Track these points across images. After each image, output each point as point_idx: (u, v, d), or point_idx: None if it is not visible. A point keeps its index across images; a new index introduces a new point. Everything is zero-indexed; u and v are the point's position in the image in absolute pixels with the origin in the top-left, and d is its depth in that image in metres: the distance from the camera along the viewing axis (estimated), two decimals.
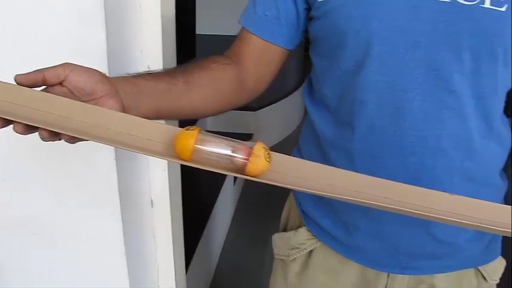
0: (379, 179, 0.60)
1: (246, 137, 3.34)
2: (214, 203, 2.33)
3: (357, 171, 0.76)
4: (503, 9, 0.71)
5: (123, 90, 0.67)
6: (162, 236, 1.22)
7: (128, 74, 0.74)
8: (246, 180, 0.58)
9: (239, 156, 0.56)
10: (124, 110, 0.65)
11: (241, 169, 0.56)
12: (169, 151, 0.59)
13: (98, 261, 1.10)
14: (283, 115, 3.76)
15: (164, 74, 0.77)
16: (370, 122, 0.78)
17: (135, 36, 1.01)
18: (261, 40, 0.84)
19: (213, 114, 0.86)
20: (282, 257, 0.98)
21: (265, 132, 3.46)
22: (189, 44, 3.27)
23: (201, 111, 0.82)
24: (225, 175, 1.85)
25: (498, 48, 0.72)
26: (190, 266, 1.88)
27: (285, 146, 3.22)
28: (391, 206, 0.56)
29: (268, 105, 3.50)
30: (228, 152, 0.57)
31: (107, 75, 0.66)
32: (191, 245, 1.98)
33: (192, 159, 0.56)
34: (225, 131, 3.38)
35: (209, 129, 3.40)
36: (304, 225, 0.94)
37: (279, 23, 0.83)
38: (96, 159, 0.98)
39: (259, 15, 0.83)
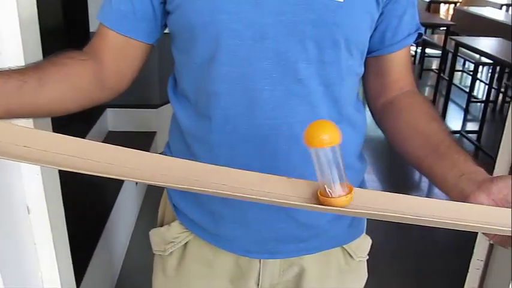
0: (219, 167, 0.62)
1: (149, 135, 3.30)
2: (114, 203, 2.28)
3: (216, 162, 0.77)
4: (341, 0, 0.75)
5: None
6: (43, 244, 1.18)
7: None
8: None
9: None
10: None
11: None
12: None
13: None
14: None
15: (14, 72, 0.73)
16: (224, 112, 0.80)
17: None
18: (118, 35, 0.83)
19: (72, 112, 0.83)
20: (160, 253, 0.98)
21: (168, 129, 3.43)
22: (82, 41, 3.18)
23: (57, 109, 0.79)
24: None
25: (339, 37, 0.76)
26: (89, 270, 1.84)
27: None
28: (228, 193, 0.58)
29: None
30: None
31: None
32: (88, 248, 1.94)
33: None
34: (127, 130, 3.32)
35: (111, 129, 3.33)
36: (177, 219, 0.94)
37: (135, 17, 0.82)
38: None
39: (114, 10, 0.82)
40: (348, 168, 0.87)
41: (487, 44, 4.21)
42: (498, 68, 4.96)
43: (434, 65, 6.35)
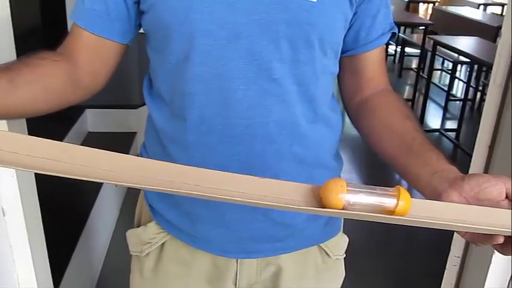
0: (192, 167, 0.61)
1: (129, 135, 3.28)
2: (93, 203, 2.27)
3: (192, 162, 0.77)
4: (314, 0, 0.75)
5: None
6: (19, 246, 1.17)
7: None
8: None
9: (389, 201, 0.59)
10: None
11: (391, 211, 0.59)
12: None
13: None
14: None
15: None
16: (199, 112, 0.80)
17: None
18: (92, 35, 0.82)
19: (46, 113, 0.82)
20: (137, 253, 0.97)
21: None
22: (60, 41, 3.15)
23: (31, 110, 0.79)
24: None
25: (313, 37, 0.77)
26: (68, 271, 1.82)
27: None
28: (201, 193, 0.58)
29: None
30: (377, 198, 0.60)
31: None
32: (68, 249, 1.92)
33: (344, 208, 0.59)
34: (107, 130, 3.29)
35: (91, 130, 3.30)
36: (154, 220, 0.94)
37: (109, 17, 0.81)
38: None
39: (87, 10, 0.82)
40: (323, 167, 0.89)
41: (465, 43, 4.26)
42: (476, 66, 5.02)
43: (414, 64, 6.41)
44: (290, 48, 0.77)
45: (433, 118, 4.83)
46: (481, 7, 7.43)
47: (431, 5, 7.61)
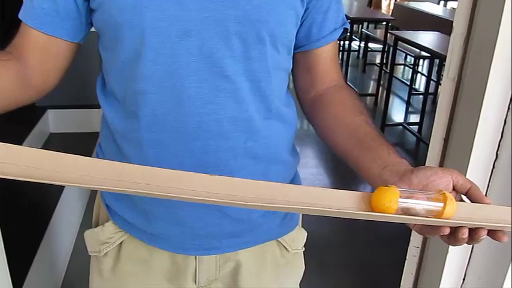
0: (141, 166, 0.61)
1: (92, 135, 3.23)
2: (56, 203, 2.24)
3: (146, 161, 0.77)
4: None
5: None
6: None
7: None
8: None
9: (437, 204, 0.62)
10: None
11: (439, 214, 0.62)
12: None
13: None
14: None
15: None
16: (152, 110, 0.79)
17: None
18: (42, 34, 0.81)
19: None
20: (95, 254, 0.97)
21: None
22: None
23: None
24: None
25: (264, 33, 0.77)
26: (30, 274, 1.79)
27: None
28: (151, 192, 0.58)
29: None
30: (427, 203, 0.62)
31: None
32: (29, 252, 1.89)
33: (396, 212, 0.61)
34: (70, 131, 3.25)
35: (53, 131, 3.25)
36: (111, 219, 0.94)
37: (59, 16, 0.80)
38: None
39: (36, 9, 0.80)
40: (279, 162, 0.90)
41: (426, 38, 4.34)
42: (437, 61, 5.12)
43: (378, 59, 6.49)
44: (241, 45, 0.77)
45: (397, 112, 4.91)
46: (442, 2, 7.59)
47: (393, 0, 7.72)
